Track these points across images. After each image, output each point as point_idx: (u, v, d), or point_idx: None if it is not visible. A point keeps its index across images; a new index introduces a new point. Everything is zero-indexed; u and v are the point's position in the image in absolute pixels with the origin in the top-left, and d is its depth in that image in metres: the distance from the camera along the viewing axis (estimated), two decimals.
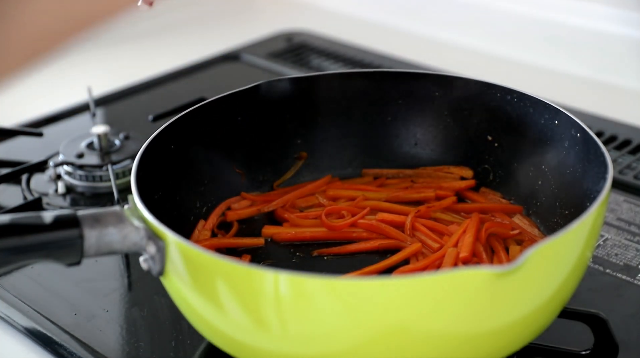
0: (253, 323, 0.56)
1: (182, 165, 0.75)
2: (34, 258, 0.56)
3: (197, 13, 1.44)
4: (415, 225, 0.75)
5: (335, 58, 1.22)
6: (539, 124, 0.75)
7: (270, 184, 0.83)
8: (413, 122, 0.83)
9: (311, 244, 0.76)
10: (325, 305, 0.53)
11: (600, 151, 0.65)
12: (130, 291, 0.75)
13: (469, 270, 0.52)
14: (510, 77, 0.84)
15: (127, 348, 0.67)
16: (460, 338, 0.55)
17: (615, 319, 0.67)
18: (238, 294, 0.55)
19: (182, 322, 0.66)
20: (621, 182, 0.89)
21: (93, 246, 0.57)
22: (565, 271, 0.58)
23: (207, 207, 0.78)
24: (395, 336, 0.54)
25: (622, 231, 0.81)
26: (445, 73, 0.85)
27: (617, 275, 0.74)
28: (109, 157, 0.91)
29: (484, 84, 0.79)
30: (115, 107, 1.09)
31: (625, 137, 0.98)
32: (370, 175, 0.84)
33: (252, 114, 0.80)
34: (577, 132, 0.70)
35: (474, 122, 0.80)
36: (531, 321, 0.58)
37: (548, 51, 1.21)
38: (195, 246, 0.56)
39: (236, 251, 0.75)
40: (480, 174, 0.81)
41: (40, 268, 0.76)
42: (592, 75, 1.15)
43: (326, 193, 0.81)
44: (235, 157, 0.80)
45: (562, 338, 0.65)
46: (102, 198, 0.89)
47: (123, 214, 0.58)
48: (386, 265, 0.72)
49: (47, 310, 0.71)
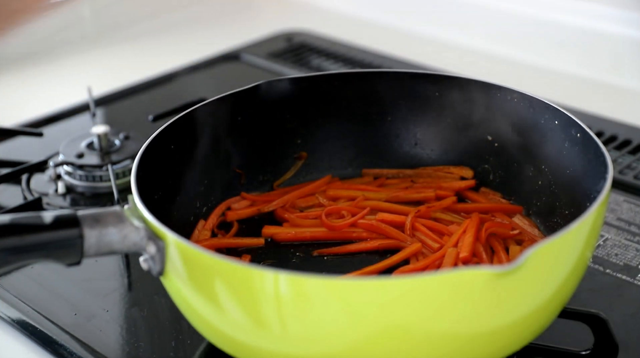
0: (253, 323, 0.56)
1: (182, 165, 0.75)
2: (34, 258, 0.56)
3: (197, 13, 1.44)
4: (415, 225, 0.75)
5: (335, 58, 1.22)
6: (539, 124, 0.75)
7: (270, 184, 0.83)
8: (413, 122, 0.83)
9: (311, 244, 0.76)
10: (325, 305, 0.53)
11: (600, 151, 0.65)
12: (130, 291, 0.75)
13: (469, 270, 0.52)
14: (510, 77, 0.84)
15: (127, 348, 0.67)
16: (460, 338, 0.55)
17: (615, 319, 0.67)
18: (238, 294, 0.55)
19: (182, 322, 0.66)
20: (621, 182, 0.89)
21: (93, 246, 0.57)
22: (565, 271, 0.58)
23: (207, 207, 0.78)
24: (395, 336, 0.54)
25: (622, 231, 0.81)
26: (445, 73, 0.85)
27: (617, 275, 0.74)
28: (109, 157, 0.91)
29: (484, 84, 0.79)
30: (115, 107, 1.09)
31: (625, 137, 0.98)
32: (370, 175, 0.84)
33: (252, 114, 0.80)
34: (577, 132, 0.70)
35: (474, 122, 0.80)
36: (531, 321, 0.58)
37: (548, 50, 1.21)
38: (195, 246, 0.56)
39: (236, 251, 0.75)
40: (480, 174, 0.81)
41: (40, 268, 0.76)
42: (592, 75, 1.15)
43: (326, 193, 0.81)
44: (235, 157, 0.80)
45: (562, 338, 0.65)
46: (102, 198, 0.89)
47: (123, 214, 0.58)
48: (386, 265, 0.72)
49: (47, 310, 0.71)
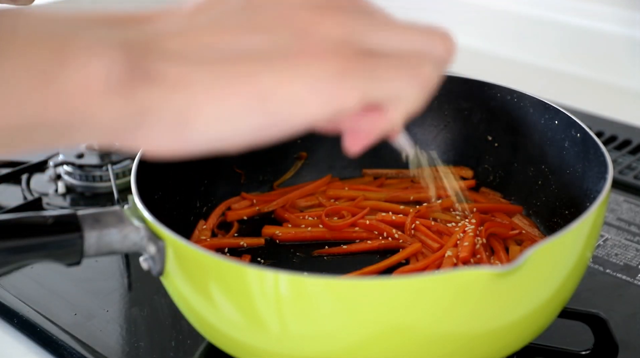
0: (253, 323, 0.56)
1: (182, 165, 0.74)
2: (34, 258, 0.56)
3: None
4: (415, 225, 0.75)
5: None
6: (539, 124, 0.75)
7: (270, 184, 0.83)
8: (413, 122, 0.83)
9: (311, 244, 0.76)
10: (325, 305, 0.53)
11: (600, 151, 0.65)
12: (130, 291, 0.75)
13: (469, 270, 0.52)
14: (510, 77, 0.84)
15: (127, 348, 0.67)
16: (460, 338, 0.55)
17: (615, 319, 0.67)
18: (238, 294, 0.55)
19: (182, 322, 0.66)
20: (621, 182, 0.89)
21: (93, 246, 0.57)
22: (565, 271, 0.58)
23: (207, 207, 0.78)
24: (394, 336, 0.54)
25: (622, 231, 0.81)
26: (445, 73, 0.85)
27: (617, 275, 0.74)
28: (108, 157, 0.91)
29: (484, 84, 0.79)
30: None
31: (625, 137, 0.98)
32: (370, 175, 0.84)
33: None
34: (577, 132, 0.70)
35: (474, 122, 0.80)
36: (531, 321, 0.58)
37: (548, 50, 1.21)
38: (195, 246, 0.56)
39: (236, 251, 0.75)
40: (480, 174, 0.81)
41: (40, 268, 0.76)
42: (592, 75, 1.15)
43: (326, 193, 0.81)
44: (235, 157, 0.80)
45: (562, 338, 0.65)
46: (102, 198, 0.89)
47: (123, 214, 0.58)
48: (386, 265, 0.72)
49: (47, 310, 0.71)
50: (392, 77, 0.43)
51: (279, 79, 0.40)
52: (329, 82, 0.41)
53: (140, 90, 0.39)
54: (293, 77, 0.41)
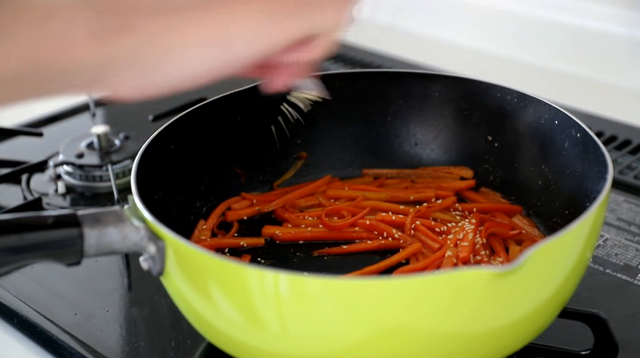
0: (253, 323, 0.56)
1: (182, 165, 0.75)
2: (34, 258, 0.56)
3: None
4: (416, 225, 0.75)
5: (335, 58, 1.22)
6: (539, 124, 0.75)
7: (270, 184, 0.83)
8: (413, 122, 0.83)
9: (311, 244, 0.76)
10: (325, 305, 0.53)
11: (600, 151, 0.65)
12: (130, 291, 0.75)
13: (469, 270, 0.52)
14: (510, 77, 0.84)
15: (127, 348, 0.67)
16: (460, 338, 0.55)
17: (615, 319, 0.67)
18: (238, 294, 0.55)
19: (182, 322, 0.66)
20: (621, 182, 0.89)
21: (93, 246, 0.57)
22: (565, 271, 0.58)
23: (207, 207, 0.78)
24: (394, 336, 0.54)
25: (622, 231, 0.81)
26: (445, 73, 0.85)
27: (617, 275, 0.74)
28: (109, 157, 0.91)
29: (484, 84, 0.79)
30: (115, 108, 1.09)
31: (625, 137, 0.98)
32: (370, 175, 0.84)
33: (252, 114, 0.80)
34: (577, 132, 0.70)
35: (474, 122, 0.80)
36: (531, 321, 0.58)
37: (548, 50, 1.21)
38: (195, 246, 0.56)
39: (236, 251, 0.75)
40: (480, 174, 0.81)
41: (40, 268, 0.76)
42: (592, 75, 1.15)
43: (326, 193, 0.81)
44: (235, 157, 0.80)
45: (562, 338, 0.65)
46: (102, 198, 0.89)
47: (123, 214, 0.58)
48: (386, 265, 0.72)
49: (47, 310, 0.71)
50: (320, 13, 0.54)
51: (225, 21, 0.51)
52: (271, 20, 0.52)
53: (115, 39, 0.48)
54: (237, 19, 0.51)
